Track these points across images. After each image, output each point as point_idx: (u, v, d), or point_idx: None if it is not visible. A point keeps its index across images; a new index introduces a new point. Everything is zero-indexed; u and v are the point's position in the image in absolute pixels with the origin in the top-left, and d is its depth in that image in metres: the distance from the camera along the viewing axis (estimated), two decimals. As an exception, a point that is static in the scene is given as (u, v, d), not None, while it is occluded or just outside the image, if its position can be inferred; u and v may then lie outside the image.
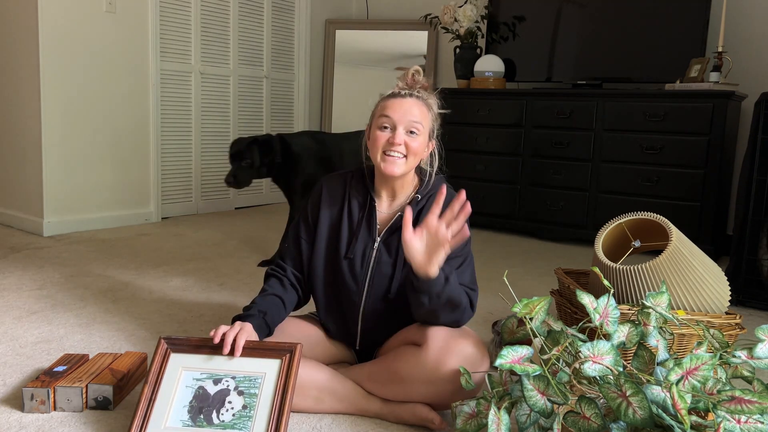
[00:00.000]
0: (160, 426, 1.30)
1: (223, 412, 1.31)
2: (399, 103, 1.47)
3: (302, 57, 4.66)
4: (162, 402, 1.33)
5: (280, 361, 1.36)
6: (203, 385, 1.35)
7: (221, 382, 1.35)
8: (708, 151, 3.16)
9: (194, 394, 1.34)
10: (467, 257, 1.51)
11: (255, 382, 1.34)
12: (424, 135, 1.49)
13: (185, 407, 1.33)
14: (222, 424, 1.30)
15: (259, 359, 1.37)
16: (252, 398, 1.32)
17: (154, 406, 1.33)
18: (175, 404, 1.33)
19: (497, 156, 3.79)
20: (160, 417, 1.31)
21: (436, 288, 1.36)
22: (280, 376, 1.34)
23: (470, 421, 1.24)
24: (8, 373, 1.67)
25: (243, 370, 1.36)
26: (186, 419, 1.32)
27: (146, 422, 1.31)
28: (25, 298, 2.29)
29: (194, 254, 3.03)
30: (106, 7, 3.42)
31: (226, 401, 1.32)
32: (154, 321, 2.10)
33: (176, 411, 1.32)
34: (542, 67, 3.90)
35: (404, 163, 1.48)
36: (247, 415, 1.30)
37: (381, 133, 1.47)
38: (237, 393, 1.33)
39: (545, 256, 3.29)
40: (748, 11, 3.46)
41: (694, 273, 1.70)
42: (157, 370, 1.37)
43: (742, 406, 1.07)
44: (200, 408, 1.32)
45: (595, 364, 1.16)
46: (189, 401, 1.33)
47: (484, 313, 2.29)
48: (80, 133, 3.40)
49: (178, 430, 1.30)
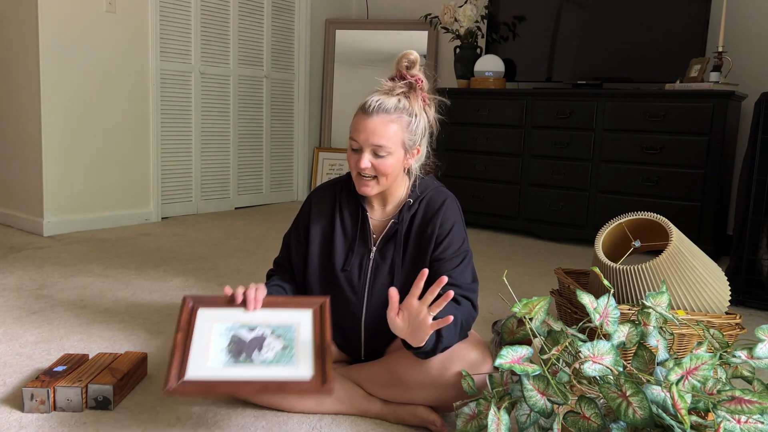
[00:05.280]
0: (202, 365, 1.26)
1: (264, 352, 1.29)
2: (363, 125, 1.41)
3: (302, 57, 4.66)
4: (198, 347, 1.29)
5: (312, 310, 1.36)
6: (237, 333, 1.32)
7: (256, 330, 1.33)
8: (708, 151, 3.16)
9: (230, 340, 1.31)
10: (466, 255, 1.48)
11: (290, 329, 1.33)
12: (395, 153, 1.42)
13: (223, 350, 1.29)
14: (265, 361, 1.27)
15: (291, 310, 1.35)
16: (290, 341, 1.31)
17: (190, 351, 1.28)
18: (212, 348, 1.29)
19: (497, 156, 3.79)
20: (199, 358, 1.27)
21: (429, 347, 1.30)
22: (315, 323, 1.34)
23: (470, 423, 1.24)
24: (8, 373, 1.67)
25: (276, 320, 1.34)
26: (227, 359, 1.28)
27: (185, 364, 1.26)
28: (25, 298, 2.29)
29: (194, 254, 3.03)
30: (106, 7, 3.42)
31: (264, 344, 1.30)
32: (154, 321, 2.10)
33: (215, 353, 1.29)
34: (542, 67, 3.90)
35: (375, 183, 1.45)
36: (289, 354, 1.28)
37: (351, 154, 1.46)
38: (275, 337, 1.31)
39: (545, 256, 3.29)
40: (748, 11, 3.46)
41: (694, 273, 1.70)
42: (186, 321, 1.33)
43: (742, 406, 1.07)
44: (239, 350, 1.30)
45: (595, 364, 1.16)
46: (226, 345, 1.30)
47: (484, 313, 2.29)
48: (80, 132, 3.40)
49: (220, 368, 1.26)
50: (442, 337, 1.31)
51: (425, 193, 1.52)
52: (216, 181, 4.22)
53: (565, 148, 3.56)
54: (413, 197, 1.51)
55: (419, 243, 1.48)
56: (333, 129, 4.84)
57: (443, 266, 1.44)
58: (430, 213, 1.48)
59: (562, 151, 3.57)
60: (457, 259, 1.46)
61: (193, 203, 4.09)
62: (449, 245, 1.46)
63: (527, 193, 3.71)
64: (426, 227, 1.48)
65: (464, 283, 1.45)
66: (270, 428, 1.42)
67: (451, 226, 1.47)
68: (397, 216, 1.51)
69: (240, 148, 4.34)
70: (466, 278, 1.46)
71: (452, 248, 1.46)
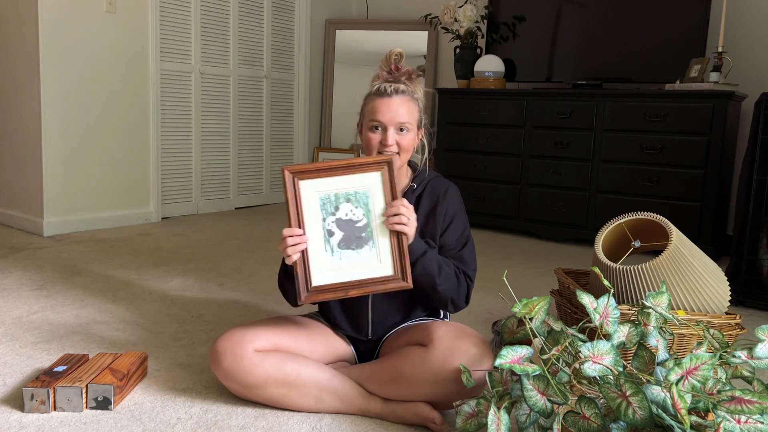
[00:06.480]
0: (321, 268, 1.41)
1: (358, 232, 1.42)
2: (386, 105, 1.51)
3: (302, 57, 4.66)
4: (314, 243, 1.41)
5: (380, 173, 1.43)
6: (338, 222, 1.43)
7: (342, 208, 1.43)
8: (708, 151, 3.16)
9: (335, 230, 1.42)
10: (468, 240, 1.58)
11: (365, 196, 1.43)
12: (413, 130, 1.55)
13: (333, 247, 1.42)
14: (360, 252, 1.42)
15: (362, 175, 1.43)
16: (367, 212, 1.42)
17: (308, 253, 1.41)
18: (326, 245, 1.42)
19: (497, 156, 3.79)
20: (318, 260, 1.41)
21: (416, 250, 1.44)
22: (384, 183, 1.43)
23: (470, 421, 1.24)
24: (8, 373, 1.67)
25: (353, 186, 1.43)
26: (338, 256, 1.42)
27: (308, 271, 1.40)
28: (25, 298, 2.29)
29: (194, 254, 3.03)
30: (106, 7, 3.42)
31: (355, 227, 1.43)
32: (154, 321, 2.10)
33: (328, 252, 1.42)
34: (542, 67, 3.90)
35: (398, 159, 1.54)
36: (368, 238, 1.42)
37: (373, 134, 1.53)
38: (354, 208, 1.42)
39: (545, 256, 3.29)
40: (748, 11, 3.46)
41: (694, 273, 1.70)
42: (292, 193, 1.42)
43: (742, 406, 1.07)
44: (348, 240, 1.42)
45: (595, 364, 1.16)
46: (338, 242, 1.42)
47: (484, 313, 2.29)
48: (80, 133, 3.40)
49: (334, 271, 1.41)
50: (425, 256, 1.45)
51: (427, 180, 1.61)
52: (216, 181, 4.22)
53: (565, 148, 3.56)
54: (416, 182, 1.60)
55: (425, 225, 1.56)
56: (333, 129, 4.84)
57: (449, 247, 1.54)
58: (435, 197, 1.58)
59: (562, 151, 3.57)
60: (461, 241, 1.57)
61: (193, 203, 4.09)
62: (455, 229, 1.56)
63: (527, 193, 3.71)
64: (433, 210, 1.57)
65: (468, 264, 1.55)
66: (270, 428, 1.42)
67: (455, 211, 1.58)
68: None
69: (240, 148, 4.34)
70: (470, 260, 1.57)
71: (457, 232, 1.56)
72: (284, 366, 1.45)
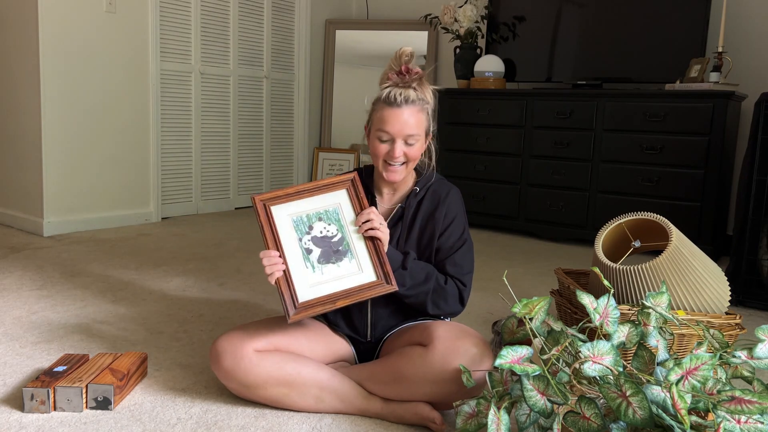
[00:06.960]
0: (305, 283, 1.43)
1: (335, 245, 1.46)
2: (396, 116, 1.50)
3: (302, 57, 4.66)
4: (294, 263, 1.44)
5: (345, 190, 1.49)
6: (314, 239, 1.47)
7: (316, 227, 1.47)
8: (708, 151, 3.16)
9: (313, 246, 1.46)
10: (465, 242, 1.58)
11: (335, 213, 1.48)
12: (421, 140, 1.54)
13: (314, 262, 1.45)
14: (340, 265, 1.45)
15: (328, 194, 1.48)
16: (340, 227, 1.47)
17: (291, 272, 1.43)
18: (307, 262, 1.45)
19: (497, 156, 3.79)
20: (301, 277, 1.43)
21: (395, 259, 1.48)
22: (352, 198, 1.49)
23: (470, 421, 1.24)
24: (8, 373, 1.67)
25: (322, 205, 1.48)
26: (320, 271, 1.45)
27: (293, 289, 1.42)
28: (25, 298, 2.29)
29: (194, 254, 3.03)
30: (106, 7, 3.42)
31: (333, 241, 1.47)
32: (154, 321, 2.10)
33: (309, 268, 1.45)
34: (542, 67, 3.90)
35: (404, 169, 1.56)
36: (345, 250, 1.46)
37: (381, 144, 1.53)
38: (328, 224, 1.47)
39: (545, 256, 3.29)
40: (748, 11, 3.46)
41: (694, 273, 1.70)
42: (265, 218, 1.46)
43: (742, 406, 1.07)
44: (327, 255, 1.46)
45: (595, 364, 1.16)
46: (317, 258, 1.45)
47: (484, 313, 2.29)
48: (80, 133, 3.40)
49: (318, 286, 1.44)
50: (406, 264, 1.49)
51: (430, 183, 1.62)
52: (216, 181, 4.22)
53: (565, 148, 3.56)
54: (419, 186, 1.61)
55: (425, 227, 1.57)
56: (333, 129, 4.84)
57: (445, 249, 1.55)
58: (436, 200, 1.59)
59: (562, 151, 3.57)
60: (458, 244, 1.57)
61: (193, 203, 4.09)
62: (453, 232, 1.57)
63: (527, 193, 3.71)
64: (432, 213, 1.58)
65: (461, 267, 1.57)
66: (270, 428, 1.42)
67: (455, 214, 1.59)
68: (404, 202, 1.61)
69: (240, 148, 4.34)
70: (464, 263, 1.57)
71: (455, 235, 1.57)
72: (284, 366, 1.45)
